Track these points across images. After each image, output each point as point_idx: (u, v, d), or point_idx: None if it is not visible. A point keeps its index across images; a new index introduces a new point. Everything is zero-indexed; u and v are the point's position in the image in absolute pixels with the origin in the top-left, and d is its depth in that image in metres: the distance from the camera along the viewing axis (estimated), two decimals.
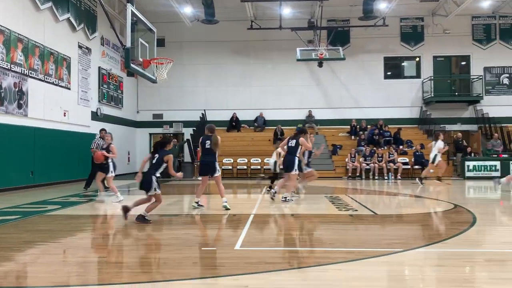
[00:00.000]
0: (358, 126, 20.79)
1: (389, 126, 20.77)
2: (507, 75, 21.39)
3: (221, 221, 7.25)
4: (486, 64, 21.45)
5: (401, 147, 19.15)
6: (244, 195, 12.58)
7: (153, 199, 6.91)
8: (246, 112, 21.88)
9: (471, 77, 21.48)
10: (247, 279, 3.68)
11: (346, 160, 18.21)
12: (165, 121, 22.40)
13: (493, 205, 9.83)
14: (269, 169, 13.39)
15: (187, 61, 22.07)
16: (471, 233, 5.81)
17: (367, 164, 17.80)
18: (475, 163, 17.16)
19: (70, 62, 15.90)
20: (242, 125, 21.92)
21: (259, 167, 18.99)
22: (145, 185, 6.76)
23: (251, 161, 19.08)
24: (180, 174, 7.25)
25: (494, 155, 17.63)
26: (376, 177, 17.50)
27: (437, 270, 4.21)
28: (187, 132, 20.98)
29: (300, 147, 9.15)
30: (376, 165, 17.73)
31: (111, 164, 10.00)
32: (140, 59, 10.51)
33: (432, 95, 21.03)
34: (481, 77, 21.25)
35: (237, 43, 22.07)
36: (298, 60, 18.91)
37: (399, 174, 17.55)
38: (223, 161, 19.13)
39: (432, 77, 21.36)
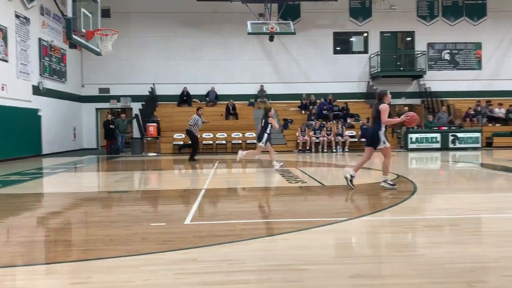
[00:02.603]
0: (308, 101, 21.10)
1: (338, 100, 21.24)
2: (448, 51, 22.34)
3: (171, 196, 7.21)
4: (429, 40, 22.27)
5: (348, 120, 19.68)
6: (196, 170, 12.53)
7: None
8: (197, 87, 21.57)
9: (415, 52, 22.26)
10: (196, 253, 3.71)
11: (297, 134, 18.52)
12: (112, 95, 21.66)
13: (433, 175, 10.41)
14: None
15: (134, 33, 21.30)
16: (411, 202, 6.13)
17: (317, 138, 18.21)
18: (418, 135, 18.00)
19: (7, 33, 14.88)
20: (193, 99, 21.63)
21: (211, 142, 18.92)
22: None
23: (203, 136, 18.96)
24: None
25: (435, 128, 18.56)
26: (325, 150, 17.97)
27: (379, 237, 4.44)
28: (136, 107, 20.45)
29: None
30: (325, 138, 18.18)
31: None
32: (83, 30, 10.02)
33: (379, 70, 21.64)
34: (424, 52, 22.06)
35: (186, 15, 21.52)
36: (249, 33, 18.76)
37: (346, 147, 18.11)
38: (174, 136, 18.89)
39: (379, 53, 21.93)
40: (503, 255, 3.65)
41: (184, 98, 21.47)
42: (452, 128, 18.53)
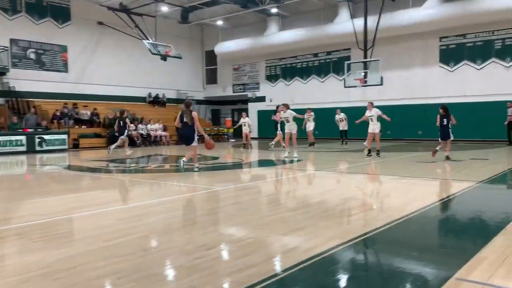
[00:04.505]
0: None
1: None
2: (34, 50, 21.71)
3: None
4: (12, 35, 20.90)
5: None
6: None
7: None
8: None
9: None
10: None
11: None
12: None
13: (17, 180, 9.77)
14: None
15: None
16: None
17: None
18: (1, 138, 16.56)
19: None
20: None
21: None
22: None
23: None
24: None
25: (19, 130, 17.63)
26: None
27: None
28: None
29: None
30: None
31: None
32: None
33: None
34: (7, 48, 20.54)
35: None
36: None
37: None
38: None
39: None
40: (61, 257, 3.72)
41: None
42: (39, 130, 18.13)
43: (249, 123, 18.13)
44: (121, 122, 14.94)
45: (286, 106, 13.26)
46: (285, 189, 8.05)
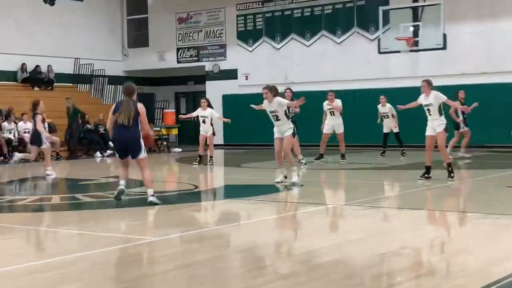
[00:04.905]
0: None
1: None
2: None
3: None
4: None
5: None
6: None
7: None
8: None
9: None
10: None
11: None
12: None
13: None
14: None
15: None
16: None
17: None
18: None
19: None
20: None
21: None
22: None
23: None
24: None
25: None
26: None
27: None
28: None
29: None
30: None
31: None
32: None
33: None
34: None
35: None
36: None
37: None
38: None
39: None
40: None
41: None
42: None
43: (214, 117, 17.81)
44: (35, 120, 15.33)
45: (273, 92, 12.75)
46: (274, 239, 8.03)
